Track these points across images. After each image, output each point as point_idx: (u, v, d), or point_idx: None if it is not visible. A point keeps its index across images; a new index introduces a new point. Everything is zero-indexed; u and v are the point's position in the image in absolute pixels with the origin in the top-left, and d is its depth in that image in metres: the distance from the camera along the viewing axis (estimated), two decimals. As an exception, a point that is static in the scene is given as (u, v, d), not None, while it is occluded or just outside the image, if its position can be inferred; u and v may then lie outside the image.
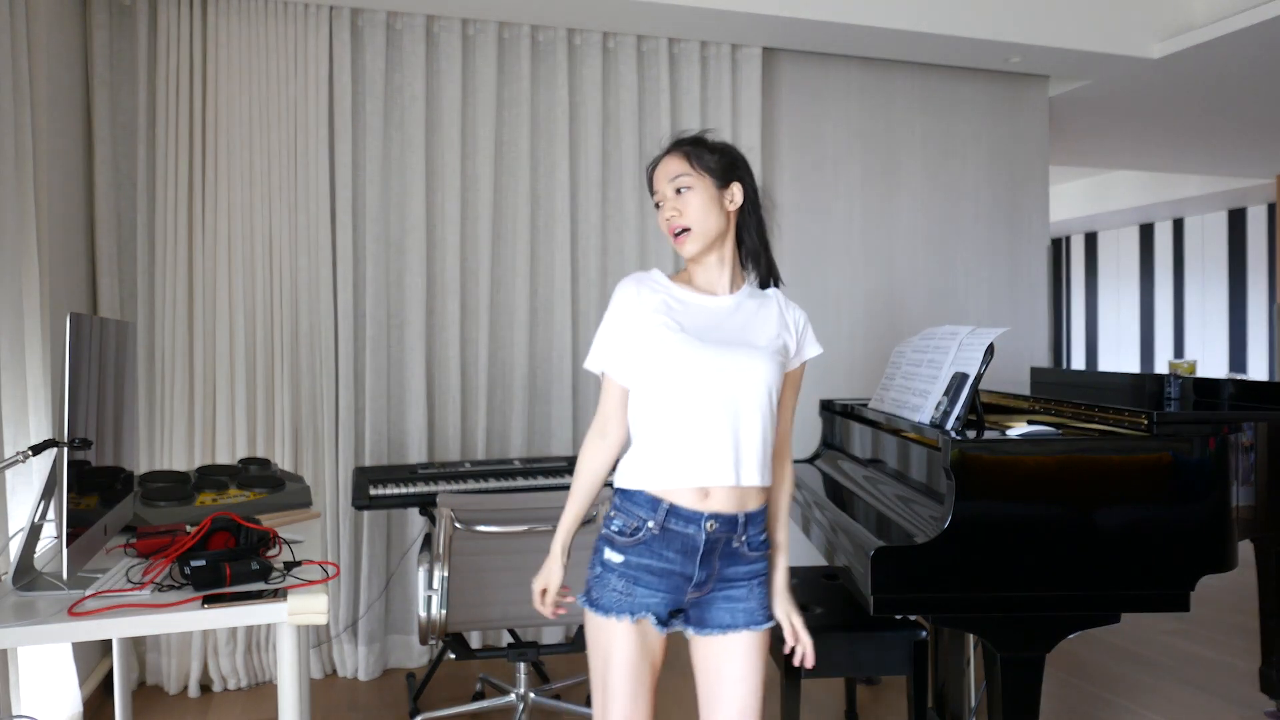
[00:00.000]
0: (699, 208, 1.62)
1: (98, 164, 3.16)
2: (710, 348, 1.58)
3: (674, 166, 1.65)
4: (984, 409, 2.74)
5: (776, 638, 2.35)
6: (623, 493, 1.61)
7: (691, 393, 1.57)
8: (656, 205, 1.68)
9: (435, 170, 3.54)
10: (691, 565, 1.58)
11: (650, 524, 1.57)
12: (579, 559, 1.78)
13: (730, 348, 1.60)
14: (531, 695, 2.84)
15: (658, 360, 1.58)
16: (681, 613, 1.64)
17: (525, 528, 2.51)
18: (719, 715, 1.62)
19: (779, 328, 1.68)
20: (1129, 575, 1.92)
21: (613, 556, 1.59)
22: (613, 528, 1.60)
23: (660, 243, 3.78)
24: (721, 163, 1.65)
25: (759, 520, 1.64)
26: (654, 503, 1.57)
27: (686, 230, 1.62)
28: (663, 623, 1.60)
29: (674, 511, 1.56)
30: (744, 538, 1.61)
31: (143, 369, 3.24)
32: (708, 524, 1.56)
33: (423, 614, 2.51)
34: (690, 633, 1.65)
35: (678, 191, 1.63)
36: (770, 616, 1.67)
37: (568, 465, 3.19)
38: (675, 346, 1.58)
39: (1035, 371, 3.49)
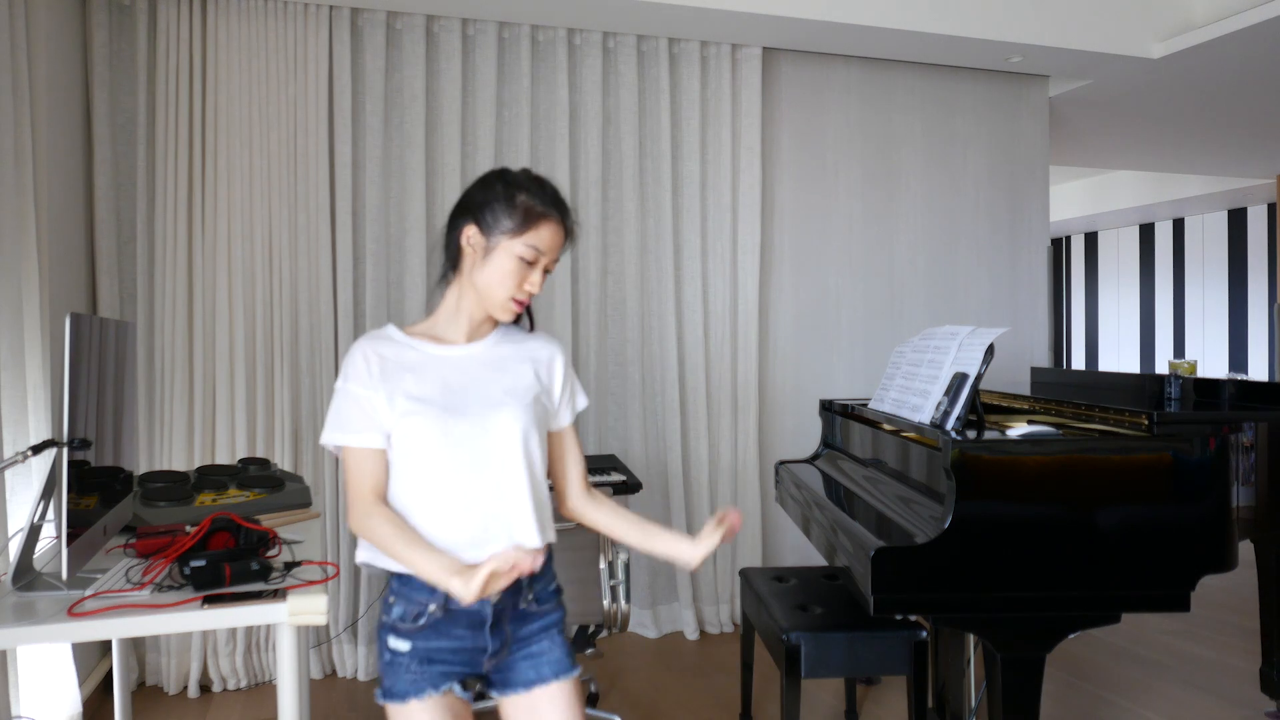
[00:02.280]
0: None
1: (97, 164, 3.16)
2: (451, 409, 1.46)
3: (559, 248, 1.53)
4: (984, 409, 2.74)
5: (775, 637, 2.36)
6: (399, 578, 1.47)
7: (442, 462, 1.45)
8: (529, 260, 1.48)
9: (435, 170, 3.54)
10: (483, 637, 1.49)
11: (432, 607, 1.45)
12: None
13: (472, 404, 1.48)
14: (531, 695, 2.83)
15: (405, 432, 1.45)
16: (483, 678, 1.55)
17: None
18: None
19: (532, 378, 1.55)
20: (1129, 575, 1.92)
21: (400, 645, 1.47)
22: (394, 615, 1.47)
23: (661, 241, 3.78)
24: None
25: (545, 571, 1.56)
26: (432, 585, 1.42)
27: (526, 306, 1.53)
28: (466, 688, 1.52)
29: None
30: (530, 596, 1.52)
31: (143, 369, 3.24)
32: (492, 596, 1.44)
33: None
34: (495, 695, 1.56)
35: (545, 270, 1.52)
36: (575, 663, 1.56)
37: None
38: (418, 416, 1.45)
39: (1035, 371, 3.49)
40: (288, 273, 3.32)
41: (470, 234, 1.49)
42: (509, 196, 1.48)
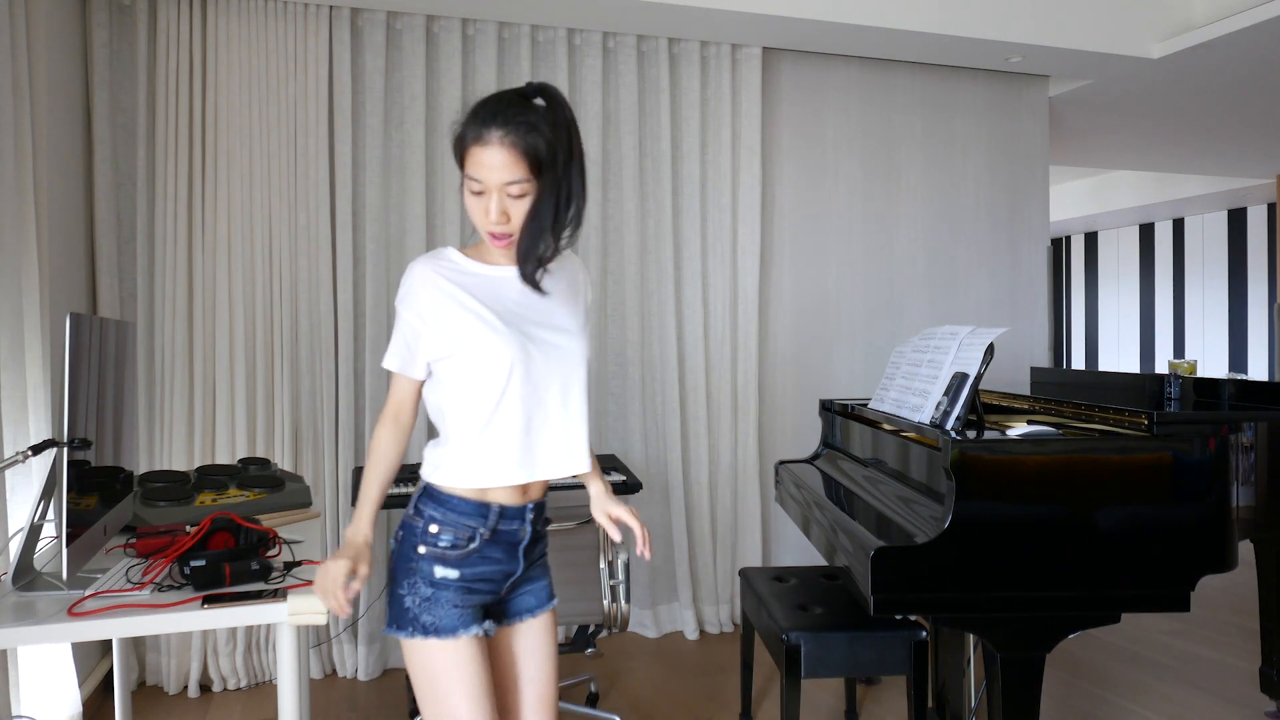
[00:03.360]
0: (528, 213, 1.43)
1: (98, 164, 3.16)
2: (506, 331, 1.46)
3: (511, 167, 1.38)
4: (984, 409, 2.74)
5: (775, 637, 2.36)
6: (441, 505, 1.49)
7: (497, 382, 1.45)
8: (476, 191, 1.42)
9: (435, 170, 3.54)
10: (514, 561, 1.53)
11: (483, 531, 1.48)
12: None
13: (529, 325, 1.48)
14: (531, 695, 2.83)
15: (462, 354, 1.46)
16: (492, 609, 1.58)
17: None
18: (526, 694, 1.59)
19: (581, 299, 1.60)
20: (1129, 575, 1.92)
21: (449, 573, 1.46)
22: (442, 544, 1.47)
23: (661, 241, 3.78)
24: (557, 161, 1.41)
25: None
26: (483, 508, 1.48)
27: (509, 236, 1.44)
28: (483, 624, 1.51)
29: (503, 513, 1.50)
30: (543, 518, 1.59)
31: (143, 369, 3.24)
32: (531, 515, 1.53)
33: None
34: (490, 628, 1.54)
35: (509, 195, 1.41)
36: (553, 593, 1.66)
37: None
38: (474, 338, 1.45)
39: (1035, 371, 3.49)
40: (288, 273, 3.32)
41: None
42: (459, 127, 1.44)
